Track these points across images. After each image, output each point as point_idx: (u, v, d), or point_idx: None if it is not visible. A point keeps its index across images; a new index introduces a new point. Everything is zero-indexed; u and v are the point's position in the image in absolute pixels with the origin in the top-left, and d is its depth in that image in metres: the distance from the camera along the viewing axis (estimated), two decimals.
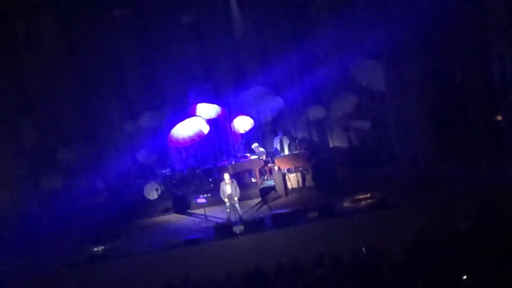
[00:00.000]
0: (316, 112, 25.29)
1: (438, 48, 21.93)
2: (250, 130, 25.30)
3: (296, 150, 23.97)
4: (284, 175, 22.49)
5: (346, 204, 19.85)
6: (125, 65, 26.44)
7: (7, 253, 20.40)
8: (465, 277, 12.02)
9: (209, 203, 21.69)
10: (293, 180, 22.71)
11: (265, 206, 21.52)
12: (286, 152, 24.17)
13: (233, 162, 23.84)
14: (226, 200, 20.26)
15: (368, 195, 19.83)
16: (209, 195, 22.32)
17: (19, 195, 23.31)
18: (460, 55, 21.70)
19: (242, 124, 25.15)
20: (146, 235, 20.76)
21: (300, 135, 25.74)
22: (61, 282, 18.04)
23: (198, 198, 22.04)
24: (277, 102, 25.49)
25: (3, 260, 19.78)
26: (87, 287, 17.80)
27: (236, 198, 20.30)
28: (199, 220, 21.18)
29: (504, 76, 19.15)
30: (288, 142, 24.37)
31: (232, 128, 25.61)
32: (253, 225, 19.00)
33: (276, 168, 23.05)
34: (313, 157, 23.49)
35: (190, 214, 22.12)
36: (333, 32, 24.40)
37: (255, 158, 23.98)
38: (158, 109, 26.03)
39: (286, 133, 25.06)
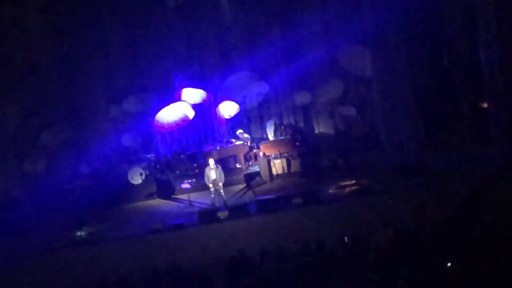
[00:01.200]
0: (302, 98, 25.24)
1: (425, 35, 21.87)
2: (235, 115, 25.20)
3: (281, 136, 23.89)
4: (269, 161, 22.43)
5: (331, 190, 19.84)
6: (110, 48, 26.17)
7: None
8: (449, 264, 12.01)
9: (193, 188, 21.65)
10: (278, 166, 22.65)
11: (249, 192, 21.47)
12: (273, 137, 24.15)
13: (218, 148, 23.68)
14: (210, 185, 20.20)
15: (353, 181, 19.84)
16: (193, 180, 22.26)
17: (2, 179, 23.11)
18: (447, 42, 21.66)
19: (228, 109, 25.04)
20: (130, 220, 20.65)
21: (286, 121, 25.65)
22: (45, 267, 17.94)
23: (182, 183, 21.96)
24: (263, 88, 25.38)
25: None
26: (71, 272, 17.70)
27: (220, 184, 20.25)
28: (184, 205, 21.13)
29: (490, 63, 19.10)
30: (274, 128, 24.32)
31: (218, 113, 25.49)
32: (237, 210, 18.98)
33: (261, 154, 22.97)
34: (299, 143, 23.41)
35: (174, 199, 22.04)
36: (320, 18, 24.35)
37: (240, 144, 23.87)
38: (143, 93, 25.82)
39: (272, 118, 24.99)
